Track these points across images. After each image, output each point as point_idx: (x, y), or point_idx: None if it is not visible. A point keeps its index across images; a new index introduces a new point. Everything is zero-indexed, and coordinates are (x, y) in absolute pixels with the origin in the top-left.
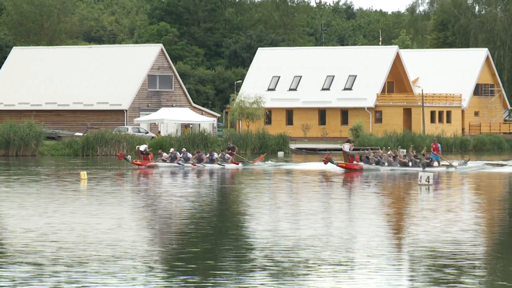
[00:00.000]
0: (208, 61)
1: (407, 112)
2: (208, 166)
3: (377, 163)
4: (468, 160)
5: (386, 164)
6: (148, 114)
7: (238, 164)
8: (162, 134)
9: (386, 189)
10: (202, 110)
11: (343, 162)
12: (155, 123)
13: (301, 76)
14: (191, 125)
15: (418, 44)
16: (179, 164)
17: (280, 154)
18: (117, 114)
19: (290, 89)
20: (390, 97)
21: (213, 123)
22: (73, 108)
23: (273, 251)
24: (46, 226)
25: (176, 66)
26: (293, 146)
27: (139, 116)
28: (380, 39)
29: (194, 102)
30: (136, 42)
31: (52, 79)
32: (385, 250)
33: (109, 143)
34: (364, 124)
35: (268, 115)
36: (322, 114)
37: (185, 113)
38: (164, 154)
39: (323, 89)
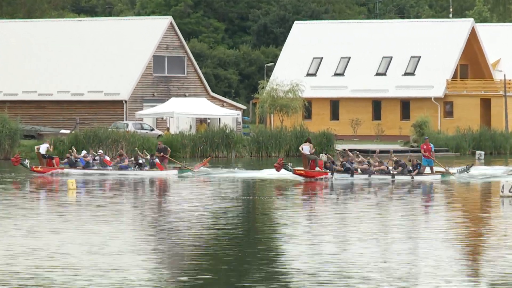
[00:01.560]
0: (231, 38)
1: (485, 103)
2: (132, 173)
3: (347, 170)
4: (471, 166)
5: (359, 171)
6: (153, 106)
7: (162, 169)
8: (172, 131)
9: (453, 202)
10: (223, 101)
11: (302, 168)
12: (162, 118)
13: (349, 58)
14: (208, 120)
15: (499, 17)
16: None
17: (324, 157)
18: (114, 106)
19: (335, 74)
20: (464, 84)
21: (237, 118)
22: (58, 98)
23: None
24: (45, 249)
25: (190, 44)
26: (339, 146)
27: (142, 109)
28: (451, 10)
29: (212, 91)
30: (138, 14)
31: (31, 61)
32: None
33: (104, 143)
34: (431, 118)
35: (308, 107)
36: (377, 106)
37: (201, 105)
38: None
39: (377, 74)
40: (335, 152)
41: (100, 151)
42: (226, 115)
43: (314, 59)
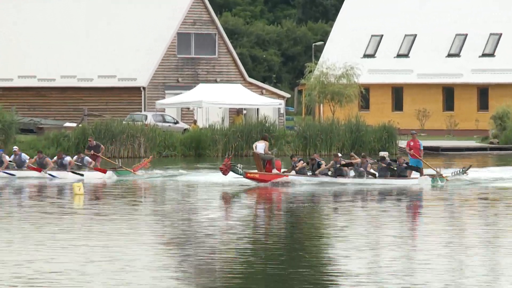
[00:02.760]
0: (271, 11)
1: None
2: (54, 174)
3: (318, 165)
4: (469, 168)
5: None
6: (178, 94)
7: (105, 172)
8: (200, 124)
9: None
10: (262, 88)
11: (255, 171)
12: (188, 108)
13: (415, 35)
14: (244, 111)
15: None
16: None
17: (384, 154)
18: (130, 94)
19: (398, 56)
20: None
21: (279, 108)
22: (62, 84)
23: None
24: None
25: (222, 19)
26: (403, 143)
27: (164, 98)
28: None
29: (249, 76)
30: None
31: (29, 41)
32: None
33: (117, 138)
34: None
35: (365, 95)
36: (448, 94)
37: (236, 93)
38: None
39: (449, 55)
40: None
41: (15, 147)
42: (266, 104)
43: (372, 37)
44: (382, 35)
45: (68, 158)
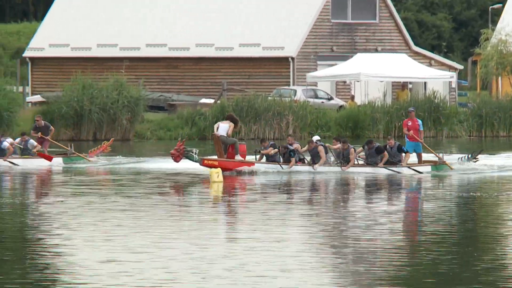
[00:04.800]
0: None
1: None
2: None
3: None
4: (479, 153)
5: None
6: (332, 65)
7: (51, 159)
8: (358, 101)
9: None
10: (430, 58)
11: (215, 157)
12: (345, 82)
13: None
14: (410, 85)
15: None
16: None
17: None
18: (277, 66)
19: None
20: None
21: (450, 82)
22: (197, 54)
23: None
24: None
25: None
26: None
27: (316, 70)
28: None
29: (415, 44)
30: None
31: (158, 6)
32: None
33: (261, 117)
34: None
35: None
36: None
37: (400, 64)
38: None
39: None
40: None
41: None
42: (435, 77)
43: None
44: None
45: (32, 142)
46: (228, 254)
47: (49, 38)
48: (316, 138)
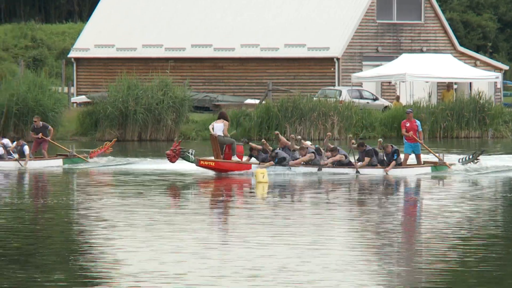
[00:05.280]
0: None
1: None
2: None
3: (280, 160)
4: (481, 154)
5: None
6: (377, 65)
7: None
8: (403, 101)
9: None
10: (476, 59)
11: (211, 158)
12: (390, 82)
13: None
14: (455, 86)
15: None
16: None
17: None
18: (322, 66)
19: None
20: None
21: (495, 82)
22: (242, 55)
23: None
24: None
25: None
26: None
27: (361, 70)
28: None
29: (460, 44)
30: None
31: (203, 6)
32: None
33: (307, 117)
34: None
35: None
36: None
37: (445, 64)
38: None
39: None
40: (349, 141)
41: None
42: (480, 78)
43: None
44: None
45: (27, 147)
46: (290, 253)
47: (94, 38)
48: (308, 143)
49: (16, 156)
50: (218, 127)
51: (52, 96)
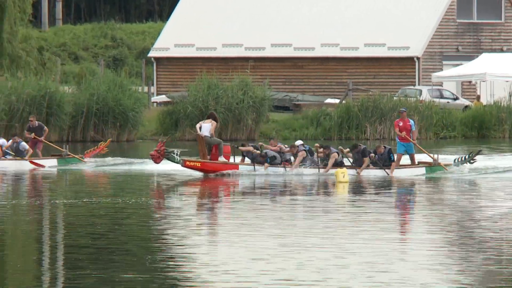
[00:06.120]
0: None
1: None
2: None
3: (271, 159)
4: (477, 154)
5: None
6: (457, 65)
7: (43, 166)
8: (483, 101)
9: None
10: None
11: (199, 158)
12: (470, 82)
13: None
14: None
15: None
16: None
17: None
18: (402, 66)
19: None
20: None
21: None
22: (322, 54)
23: None
24: None
25: None
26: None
27: (441, 69)
28: None
29: None
30: None
31: (284, 6)
32: None
33: (387, 117)
34: None
35: None
36: None
37: None
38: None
39: None
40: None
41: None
42: None
43: None
44: None
45: (24, 144)
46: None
47: (174, 38)
48: (298, 142)
49: (11, 155)
50: (206, 127)
51: (132, 95)
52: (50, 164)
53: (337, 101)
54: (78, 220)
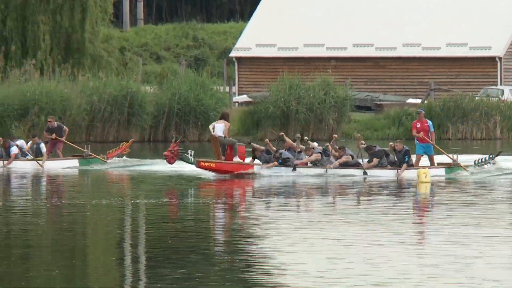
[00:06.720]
0: None
1: None
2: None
3: (284, 161)
4: (498, 155)
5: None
6: None
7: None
8: None
9: None
10: None
11: (213, 159)
12: None
13: None
14: None
15: None
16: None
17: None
18: (484, 66)
19: None
20: None
21: None
22: (404, 54)
23: None
24: None
25: None
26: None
27: None
28: None
29: None
30: None
31: (362, 4)
32: None
33: (469, 117)
34: None
35: None
36: None
37: None
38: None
39: None
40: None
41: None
42: None
43: None
44: None
45: (43, 145)
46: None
47: (255, 38)
48: (314, 144)
49: (31, 156)
50: (219, 128)
51: (214, 95)
52: (71, 165)
53: (419, 101)
54: (161, 219)
